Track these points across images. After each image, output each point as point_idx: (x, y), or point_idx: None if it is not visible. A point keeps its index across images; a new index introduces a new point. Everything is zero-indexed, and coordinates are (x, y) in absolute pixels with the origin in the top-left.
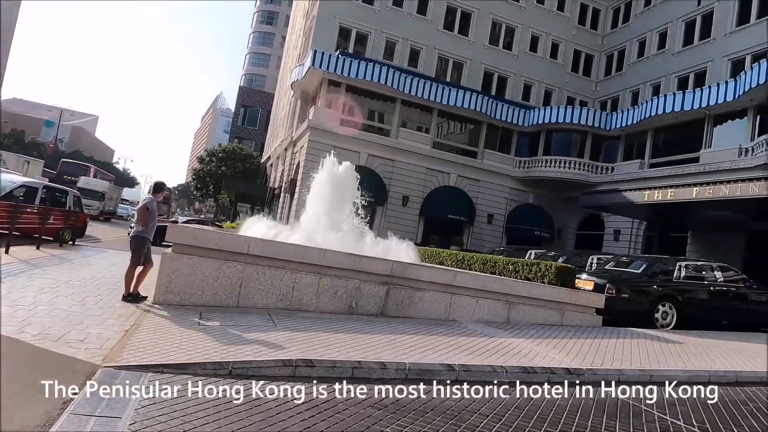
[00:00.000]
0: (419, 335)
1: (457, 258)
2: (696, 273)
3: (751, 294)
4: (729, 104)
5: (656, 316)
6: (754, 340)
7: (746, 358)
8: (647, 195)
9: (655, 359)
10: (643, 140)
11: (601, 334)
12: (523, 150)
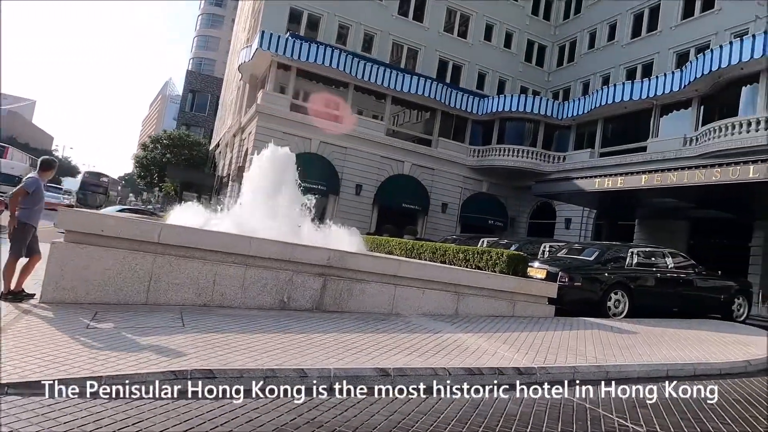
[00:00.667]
0: (355, 333)
1: (406, 247)
2: (647, 260)
3: (699, 280)
4: (675, 94)
5: (609, 305)
6: (704, 327)
7: (701, 348)
8: (598, 182)
9: (611, 352)
10: (593, 130)
11: (554, 326)
12: (477, 138)
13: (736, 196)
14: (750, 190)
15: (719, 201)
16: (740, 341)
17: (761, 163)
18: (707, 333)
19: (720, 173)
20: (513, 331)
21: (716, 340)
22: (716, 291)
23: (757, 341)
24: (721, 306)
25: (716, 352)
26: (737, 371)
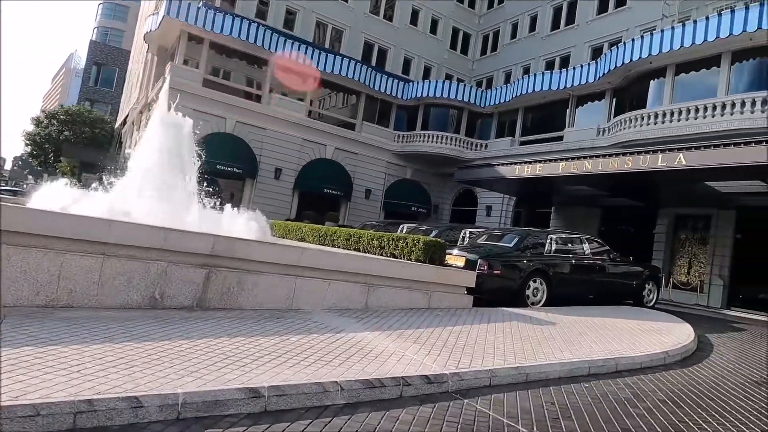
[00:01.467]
0: (237, 337)
1: (319, 233)
2: (565, 246)
3: (614, 266)
4: (590, 86)
5: (527, 293)
6: (620, 315)
7: (620, 340)
8: (518, 169)
9: (531, 349)
10: (514, 118)
11: (471, 318)
12: (402, 124)
13: (645, 185)
14: (657, 178)
15: (629, 189)
16: (655, 329)
17: (668, 152)
18: (623, 321)
19: (631, 162)
20: (427, 326)
21: (633, 329)
22: (629, 277)
23: (669, 328)
24: (634, 292)
25: (635, 344)
26: (656, 364)
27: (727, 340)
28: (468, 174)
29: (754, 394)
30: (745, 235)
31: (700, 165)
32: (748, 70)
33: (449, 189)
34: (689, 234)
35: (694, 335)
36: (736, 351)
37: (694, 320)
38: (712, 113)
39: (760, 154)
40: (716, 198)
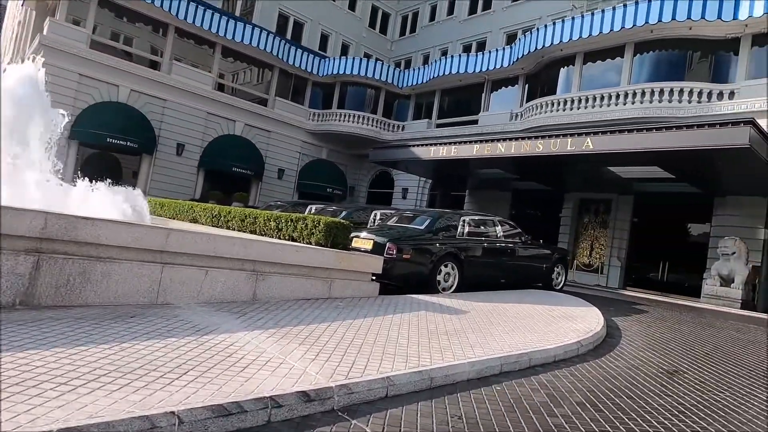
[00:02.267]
0: (55, 348)
1: (212, 214)
2: (478, 228)
3: (526, 249)
4: (504, 71)
5: (438, 279)
6: (531, 300)
7: (533, 329)
8: (433, 151)
9: (438, 345)
10: (431, 101)
11: (375, 310)
12: (318, 102)
13: (554, 168)
14: (566, 161)
15: (539, 173)
16: (566, 315)
17: (577, 137)
18: (535, 307)
19: (542, 145)
20: (321, 321)
21: (545, 315)
22: (539, 260)
23: (579, 313)
24: (543, 275)
25: (548, 333)
26: (571, 355)
27: (633, 323)
28: (383, 155)
29: (669, 386)
30: (641, 219)
31: (605, 150)
32: (649, 61)
33: (366, 170)
34: (592, 217)
35: (603, 320)
36: (643, 335)
37: (598, 302)
38: (616, 102)
39: (659, 141)
40: (618, 183)
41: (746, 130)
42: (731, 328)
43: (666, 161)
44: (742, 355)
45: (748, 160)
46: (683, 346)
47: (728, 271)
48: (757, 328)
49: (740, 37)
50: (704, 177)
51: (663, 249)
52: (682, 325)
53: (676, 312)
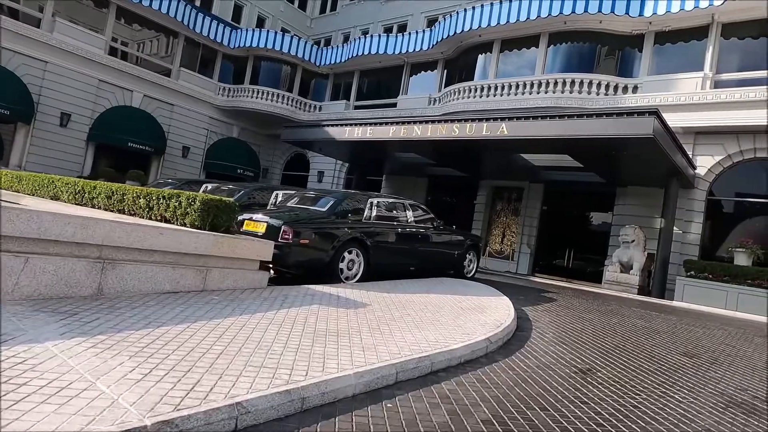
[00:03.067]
0: None
1: (76, 189)
2: (388, 212)
3: (438, 235)
4: (424, 54)
5: (341, 267)
6: (441, 289)
7: (439, 324)
8: (348, 132)
9: (321, 351)
10: (349, 81)
11: (257, 305)
12: (228, 76)
13: (470, 154)
14: (482, 146)
15: (455, 158)
16: (476, 306)
17: (493, 121)
18: (444, 298)
19: (458, 129)
20: (180, 322)
21: (453, 306)
22: (452, 247)
23: (490, 304)
24: (455, 262)
25: (455, 329)
26: (479, 355)
27: (543, 313)
28: (296, 134)
29: (585, 390)
30: (550, 207)
31: (519, 135)
32: (562, 52)
33: (281, 152)
34: (504, 205)
35: (513, 312)
36: (553, 327)
37: (509, 290)
38: (530, 90)
39: (570, 128)
40: (530, 171)
41: (651, 121)
42: (635, 315)
43: (575, 149)
44: (650, 347)
45: (651, 150)
46: (593, 337)
47: (628, 258)
48: (657, 315)
49: (644, 34)
50: (609, 167)
51: (569, 236)
52: (590, 314)
53: (582, 299)
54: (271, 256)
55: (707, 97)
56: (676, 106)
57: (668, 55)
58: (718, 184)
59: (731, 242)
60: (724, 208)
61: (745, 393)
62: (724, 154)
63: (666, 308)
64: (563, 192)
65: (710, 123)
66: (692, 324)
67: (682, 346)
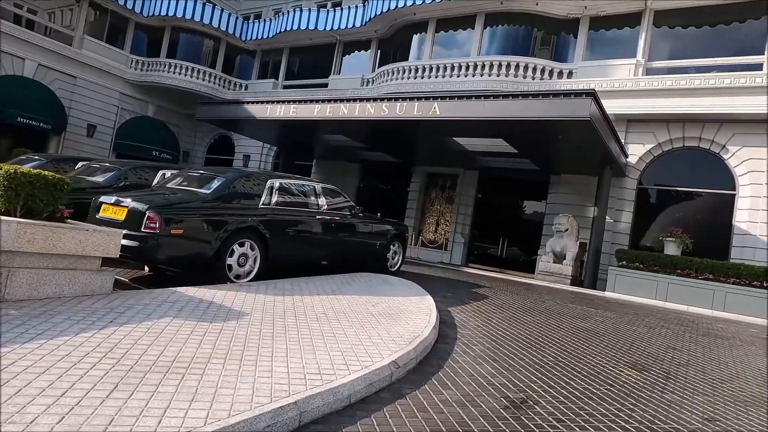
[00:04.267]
0: None
1: None
2: (294, 197)
3: (357, 224)
4: (357, 32)
5: (230, 262)
6: (352, 289)
7: (336, 340)
8: (270, 109)
9: (118, 404)
10: (278, 59)
11: (70, 323)
12: (142, 48)
13: (401, 136)
14: (413, 128)
15: (387, 142)
16: (391, 311)
17: (425, 100)
18: (354, 300)
19: (388, 108)
20: None
21: (363, 312)
22: (374, 237)
23: (408, 307)
24: (377, 254)
25: (355, 347)
26: (380, 387)
27: (472, 315)
28: (213, 112)
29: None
30: (484, 195)
31: (452, 116)
32: (499, 35)
33: (204, 134)
34: (439, 192)
35: (435, 317)
36: (482, 334)
37: (437, 285)
38: (465, 72)
39: (504, 109)
40: (464, 157)
41: (588, 102)
42: (572, 314)
43: (510, 133)
44: (594, 357)
45: (586, 135)
46: (530, 348)
47: (561, 248)
48: (594, 312)
49: (580, 18)
50: (544, 153)
51: (504, 225)
52: (525, 314)
53: (515, 295)
54: (119, 250)
55: (640, 83)
56: (610, 92)
57: (603, 41)
58: (648, 172)
59: (661, 231)
60: (654, 197)
61: (715, 425)
62: (655, 143)
63: (600, 301)
64: (498, 179)
65: (642, 110)
66: (633, 322)
67: (628, 354)
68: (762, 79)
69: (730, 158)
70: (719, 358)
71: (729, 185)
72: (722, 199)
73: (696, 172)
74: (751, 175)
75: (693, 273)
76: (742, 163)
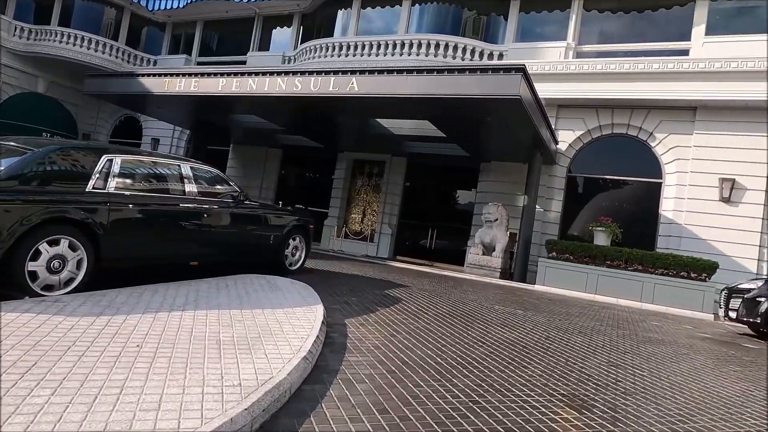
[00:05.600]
0: None
1: None
2: (145, 181)
3: (243, 215)
4: (278, 6)
5: (34, 268)
6: (214, 300)
7: (155, 391)
8: (168, 83)
9: None
10: (191, 33)
11: None
12: (28, 13)
13: (319, 117)
14: (330, 106)
15: (306, 123)
16: (247, 336)
17: (341, 75)
18: (204, 317)
19: (301, 83)
20: None
21: (203, 339)
22: (266, 230)
23: (279, 326)
24: (270, 251)
25: (142, 410)
26: None
27: (372, 329)
28: (103, 85)
29: None
30: (413, 183)
31: (372, 93)
32: (428, 13)
33: (108, 114)
34: (365, 180)
35: (311, 342)
36: (375, 365)
37: (345, 286)
38: (392, 51)
39: (428, 86)
40: (391, 142)
41: (517, 79)
42: (500, 320)
43: (436, 113)
44: (523, 398)
45: (516, 115)
46: (438, 382)
47: (490, 239)
48: (524, 315)
49: (510, 2)
50: (472, 138)
51: (433, 215)
52: (442, 324)
53: (437, 296)
54: None
55: (570, 67)
56: (541, 75)
57: (533, 23)
58: (578, 160)
59: (591, 221)
60: (584, 185)
61: None
62: (585, 129)
63: (529, 297)
64: (427, 167)
65: (572, 95)
66: (565, 328)
67: (564, 379)
68: (689, 65)
69: (657, 146)
70: (669, 377)
71: (656, 173)
72: (650, 188)
73: (625, 160)
74: (678, 163)
75: (623, 264)
76: (668, 151)
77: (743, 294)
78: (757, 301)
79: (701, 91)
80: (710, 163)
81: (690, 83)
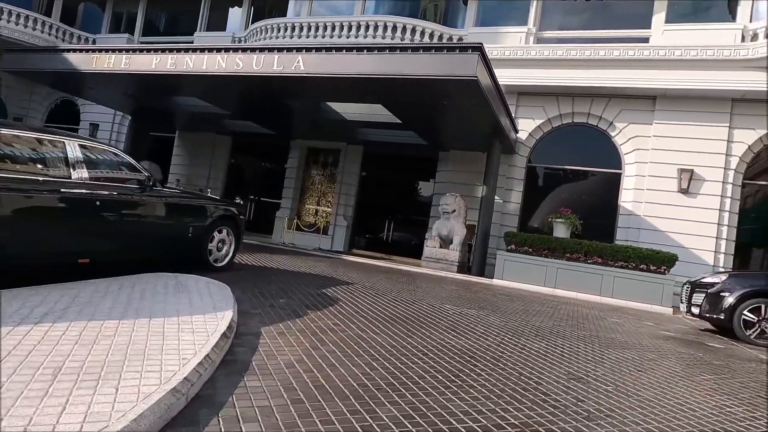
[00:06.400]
0: None
1: None
2: (14, 162)
3: (151, 204)
4: None
5: None
6: (100, 309)
7: None
8: (97, 61)
9: None
10: (134, 11)
11: None
12: None
13: (266, 101)
14: (276, 90)
15: (253, 108)
16: (110, 360)
17: (286, 53)
18: (64, 333)
19: (242, 61)
20: None
21: (47, 367)
22: (182, 221)
23: (162, 339)
24: (189, 246)
25: None
26: None
27: (291, 340)
28: (24, 62)
29: None
30: (369, 173)
31: (320, 73)
32: None
33: (42, 97)
34: (320, 170)
35: (191, 367)
36: (276, 394)
37: (281, 284)
38: (348, 33)
39: (380, 64)
40: (345, 128)
41: (474, 58)
42: (448, 323)
43: (389, 96)
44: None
45: (473, 98)
46: (359, 413)
47: (448, 231)
48: (477, 315)
49: None
50: (429, 124)
51: (390, 206)
52: (381, 328)
53: (384, 295)
54: None
55: (530, 52)
56: (501, 60)
57: (494, 7)
58: (538, 149)
59: (551, 212)
60: (544, 176)
61: None
62: (545, 118)
63: (486, 294)
64: (384, 156)
65: (533, 82)
66: (521, 332)
67: (517, 401)
68: (649, 52)
69: (617, 135)
70: (638, 393)
71: (616, 164)
72: (610, 178)
73: (585, 150)
74: (637, 153)
75: (582, 257)
76: (628, 141)
77: (706, 288)
78: (721, 296)
79: (661, 80)
80: (669, 154)
81: (650, 71)
